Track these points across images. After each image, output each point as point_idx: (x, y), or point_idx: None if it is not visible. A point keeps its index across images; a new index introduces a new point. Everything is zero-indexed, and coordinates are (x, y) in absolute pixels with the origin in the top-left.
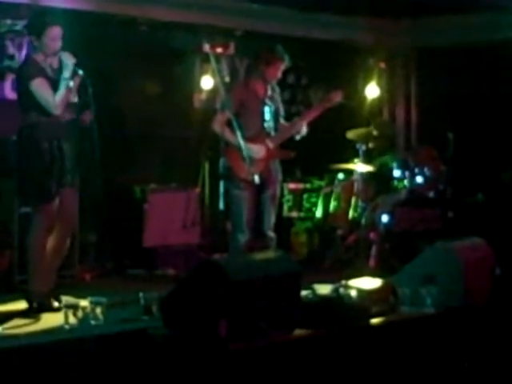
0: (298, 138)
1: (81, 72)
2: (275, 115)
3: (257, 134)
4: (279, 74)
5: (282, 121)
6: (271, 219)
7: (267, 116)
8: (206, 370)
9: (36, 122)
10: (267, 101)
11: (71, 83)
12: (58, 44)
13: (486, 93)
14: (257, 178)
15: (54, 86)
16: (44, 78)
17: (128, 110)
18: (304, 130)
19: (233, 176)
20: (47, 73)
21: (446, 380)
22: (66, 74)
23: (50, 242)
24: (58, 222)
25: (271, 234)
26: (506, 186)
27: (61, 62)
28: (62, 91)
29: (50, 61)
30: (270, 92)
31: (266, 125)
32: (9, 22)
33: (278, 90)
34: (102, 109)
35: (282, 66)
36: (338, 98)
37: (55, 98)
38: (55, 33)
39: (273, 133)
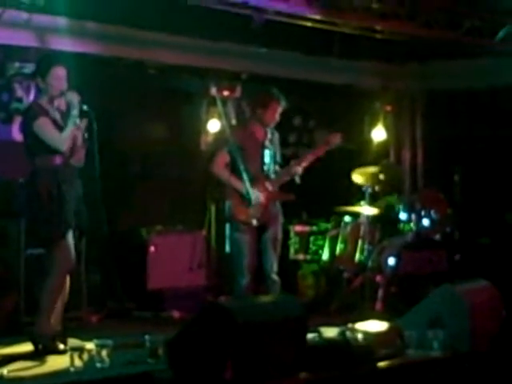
0: (298, 180)
1: (86, 108)
2: (275, 159)
3: (256, 177)
4: (277, 117)
5: (277, 167)
6: (274, 262)
7: (267, 159)
8: None
9: (40, 168)
10: (267, 144)
11: (78, 121)
12: (63, 84)
13: (492, 136)
14: (254, 222)
15: (59, 126)
16: (47, 117)
17: (135, 152)
18: (299, 171)
19: (233, 218)
20: (51, 115)
21: None
22: (75, 111)
23: None
24: None
25: (275, 277)
26: None
27: (67, 102)
28: (69, 127)
29: (57, 103)
30: (269, 135)
31: (265, 168)
32: (17, 65)
33: (276, 134)
34: (109, 151)
35: (280, 108)
36: (336, 140)
37: (62, 135)
38: (60, 73)
39: (272, 176)
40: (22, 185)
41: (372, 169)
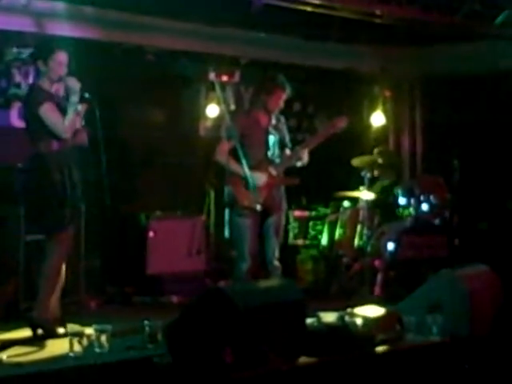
0: (298, 164)
1: (87, 95)
2: (279, 144)
3: (259, 163)
4: (281, 104)
5: (287, 151)
6: (275, 248)
7: (271, 145)
8: None
9: (46, 152)
10: (271, 130)
11: (79, 107)
12: (64, 70)
13: (492, 121)
14: (258, 207)
15: (62, 111)
16: (52, 103)
17: (134, 137)
18: (305, 158)
19: (236, 204)
20: (55, 98)
21: None
22: (74, 98)
23: None
24: None
25: (276, 263)
26: None
27: (67, 88)
28: (70, 115)
29: (56, 87)
30: (274, 121)
31: (269, 153)
32: (15, 50)
33: (283, 119)
34: (107, 136)
35: (284, 96)
36: (342, 124)
37: (64, 122)
38: (61, 58)
39: (277, 161)
40: (21, 170)
41: (371, 157)
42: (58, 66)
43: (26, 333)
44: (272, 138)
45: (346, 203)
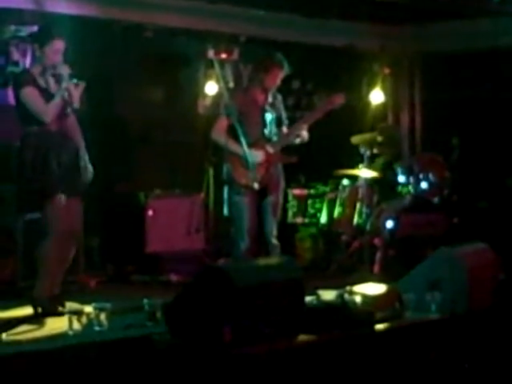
0: (297, 141)
1: (75, 80)
2: (276, 122)
3: (257, 140)
4: (278, 82)
5: (284, 128)
6: (273, 227)
7: (268, 123)
8: (210, 376)
9: (28, 132)
10: (267, 108)
11: (66, 94)
12: (59, 57)
13: (491, 98)
14: (256, 185)
15: (50, 97)
16: (35, 87)
17: (132, 115)
18: (305, 134)
19: (234, 182)
20: (40, 84)
21: None
22: (64, 84)
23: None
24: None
25: (274, 241)
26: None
27: (58, 74)
28: (56, 100)
29: (49, 74)
30: (270, 99)
31: (266, 131)
32: (13, 28)
33: (279, 97)
34: (106, 114)
35: (281, 74)
36: (340, 100)
37: (47, 106)
38: (59, 46)
39: (274, 138)
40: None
41: (370, 134)
42: (54, 53)
43: (25, 311)
44: (269, 116)
45: (345, 181)
